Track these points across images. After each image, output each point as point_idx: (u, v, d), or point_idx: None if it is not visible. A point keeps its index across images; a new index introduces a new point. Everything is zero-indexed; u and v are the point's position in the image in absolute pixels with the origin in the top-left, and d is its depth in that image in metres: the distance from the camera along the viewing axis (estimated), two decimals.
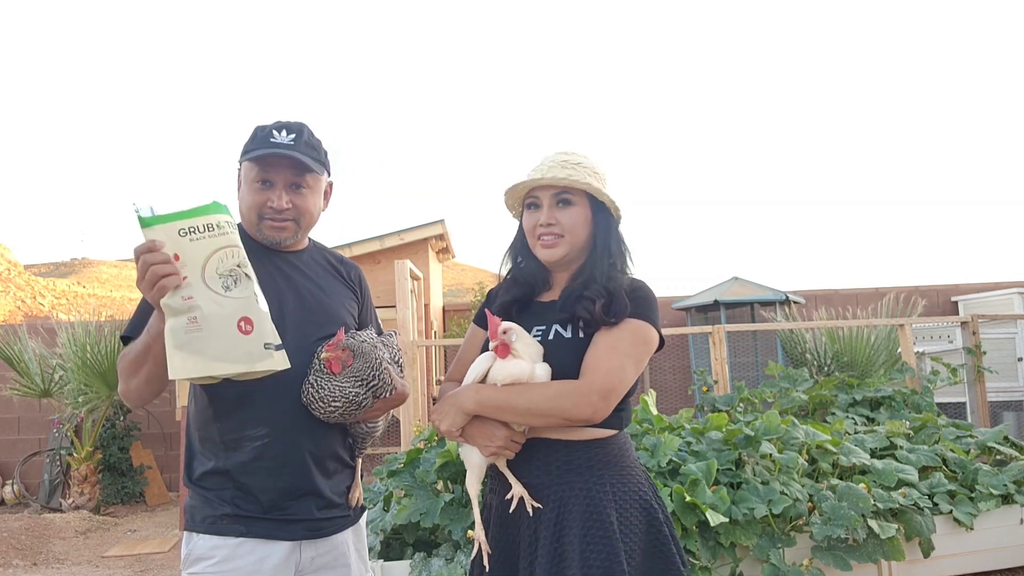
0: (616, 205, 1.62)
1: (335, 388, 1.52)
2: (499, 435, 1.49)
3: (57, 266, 29.01)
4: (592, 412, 1.45)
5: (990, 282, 8.98)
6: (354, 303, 1.77)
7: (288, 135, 1.60)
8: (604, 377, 1.46)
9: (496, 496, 1.59)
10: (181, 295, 1.30)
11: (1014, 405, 6.84)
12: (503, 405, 1.47)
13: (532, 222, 1.62)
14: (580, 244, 1.62)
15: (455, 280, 26.83)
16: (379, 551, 3.22)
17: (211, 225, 1.34)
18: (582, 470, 1.51)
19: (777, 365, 5.36)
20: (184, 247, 1.31)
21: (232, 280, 1.35)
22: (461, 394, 1.51)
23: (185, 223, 1.32)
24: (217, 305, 1.32)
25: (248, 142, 1.63)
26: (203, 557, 1.52)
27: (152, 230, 1.31)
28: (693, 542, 3.01)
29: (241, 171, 1.65)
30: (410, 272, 4.92)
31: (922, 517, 3.35)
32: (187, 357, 1.30)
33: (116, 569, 4.96)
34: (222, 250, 1.34)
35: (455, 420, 1.50)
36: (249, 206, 1.62)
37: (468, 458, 1.57)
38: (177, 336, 1.30)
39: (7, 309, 13.81)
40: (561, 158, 1.60)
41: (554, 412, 1.46)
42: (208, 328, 1.30)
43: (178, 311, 1.30)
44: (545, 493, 1.51)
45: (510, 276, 1.72)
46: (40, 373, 6.81)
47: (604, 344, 1.50)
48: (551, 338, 1.56)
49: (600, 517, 1.47)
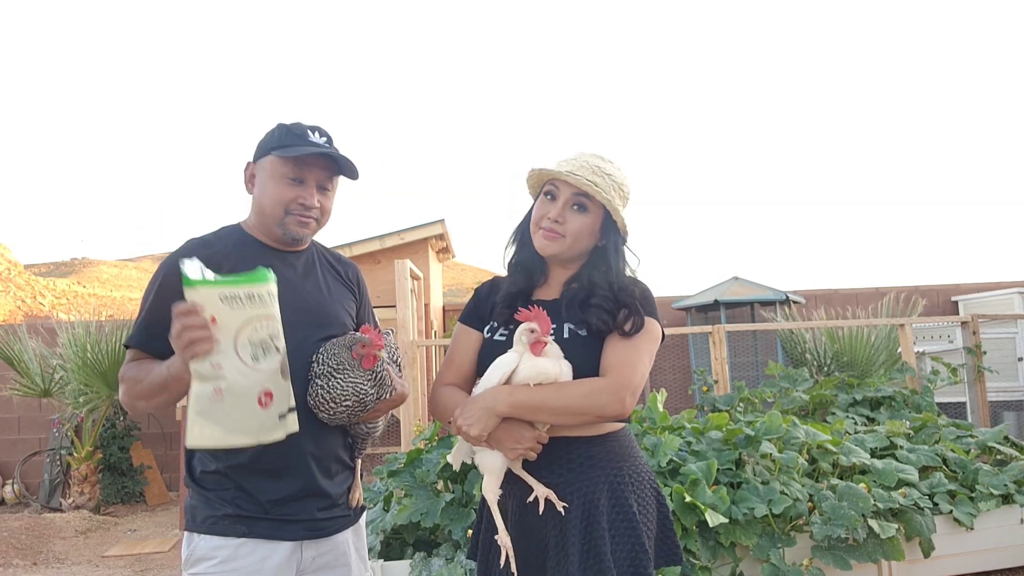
0: (626, 227, 1.63)
1: (348, 386, 1.51)
2: (527, 436, 1.48)
3: (57, 266, 29.00)
4: (623, 408, 1.47)
5: (990, 282, 8.98)
6: (353, 303, 1.77)
7: (321, 137, 1.63)
8: (631, 374, 1.48)
9: (513, 500, 1.57)
10: (211, 361, 1.32)
11: (1014, 405, 6.84)
12: (539, 405, 1.46)
13: (542, 211, 1.62)
14: (578, 250, 1.62)
15: (455, 280, 26.84)
16: (379, 551, 3.22)
17: (253, 295, 1.36)
18: (604, 464, 1.53)
19: (777, 365, 5.36)
20: (222, 312, 1.33)
21: (262, 350, 1.37)
22: (491, 396, 1.47)
23: (228, 290, 1.34)
24: (242, 376, 1.34)
25: (279, 137, 1.62)
26: (204, 557, 1.53)
27: (195, 291, 1.33)
28: (693, 542, 3.01)
29: (263, 166, 1.63)
30: (410, 272, 4.92)
31: (922, 517, 3.35)
32: (205, 426, 1.33)
33: (116, 569, 4.96)
34: (258, 320, 1.37)
35: (487, 424, 1.46)
36: (276, 201, 1.61)
37: (488, 462, 1.52)
38: (200, 403, 1.33)
39: (7, 309, 13.81)
40: (595, 161, 1.60)
41: (589, 410, 1.47)
42: (230, 400, 1.33)
43: (205, 378, 1.33)
44: (570, 490, 1.51)
45: (515, 259, 1.71)
46: (40, 373, 6.81)
47: (625, 342, 1.52)
48: (567, 336, 1.56)
49: (624, 508, 1.50)
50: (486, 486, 1.54)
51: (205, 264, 1.45)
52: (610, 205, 1.57)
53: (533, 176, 1.67)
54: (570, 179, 1.57)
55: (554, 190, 1.61)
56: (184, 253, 1.58)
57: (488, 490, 1.54)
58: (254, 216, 1.67)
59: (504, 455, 1.50)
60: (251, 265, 1.47)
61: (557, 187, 1.61)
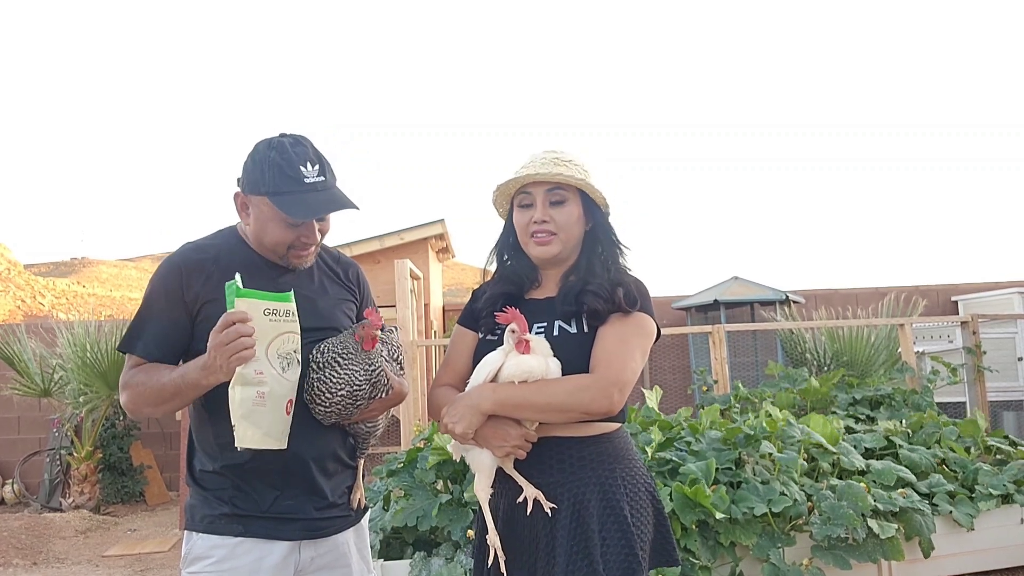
0: (606, 200, 1.63)
1: (345, 375, 1.50)
2: (513, 434, 1.47)
3: (57, 266, 28.98)
4: (610, 405, 1.46)
5: (990, 282, 8.98)
6: (352, 304, 1.74)
7: (313, 168, 1.52)
8: (619, 370, 1.46)
9: (504, 499, 1.57)
10: (253, 368, 1.41)
11: (1014, 405, 6.84)
12: (522, 403, 1.45)
13: (525, 219, 1.62)
14: (573, 242, 1.62)
15: (455, 280, 26.83)
16: (379, 551, 3.22)
17: (288, 311, 1.48)
18: (595, 465, 1.52)
19: (777, 365, 5.36)
20: (262, 324, 1.43)
21: (287, 362, 1.47)
22: (476, 394, 1.48)
23: (270, 304, 1.45)
24: (278, 384, 1.45)
25: (272, 180, 1.50)
26: (202, 556, 1.53)
27: (244, 301, 1.42)
28: (693, 542, 3.01)
29: (256, 204, 1.55)
30: (410, 272, 4.93)
31: (922, 517, 3.35)
32: (248, 428, 1.42)
33: (116, 569, 4.96)
34: (287, 334, 1.47)
35: (471, 422, 1.46)
36: (276, 242, 1.56)
37: (478, 461, 1.52)
38: (245, 406, 1.42)
39: (7, 309, 13.80)
40: (552, 156, 1.60)
41: (574, 407, 1.45)
42: (269, 405, 1.44)
43: (248, 382, 1.41)
44: (560, 491, 1.50)
45: (497, 274, 1.71)
46: (40, 373, 6.81)
47: (614, 337, 1.51)
48: (556, 334, 1.56)
49: (615, 511, 1.48)
50: (477, 485, 1.54)
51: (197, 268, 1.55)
52: (585, 184, 1.58)
53: (500, 192, 1.67)
54: (538, 177, 1.58)
55: (526, 197, 1.62)
56: (179, 256, 1.59)
57: (479, 489, 1.53)
58: (253, 239, 1.61)
59: (492, 453, 1.50)
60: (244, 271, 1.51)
61: (529, 192, 1.61)
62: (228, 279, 1.51)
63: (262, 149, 1.54)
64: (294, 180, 1.50)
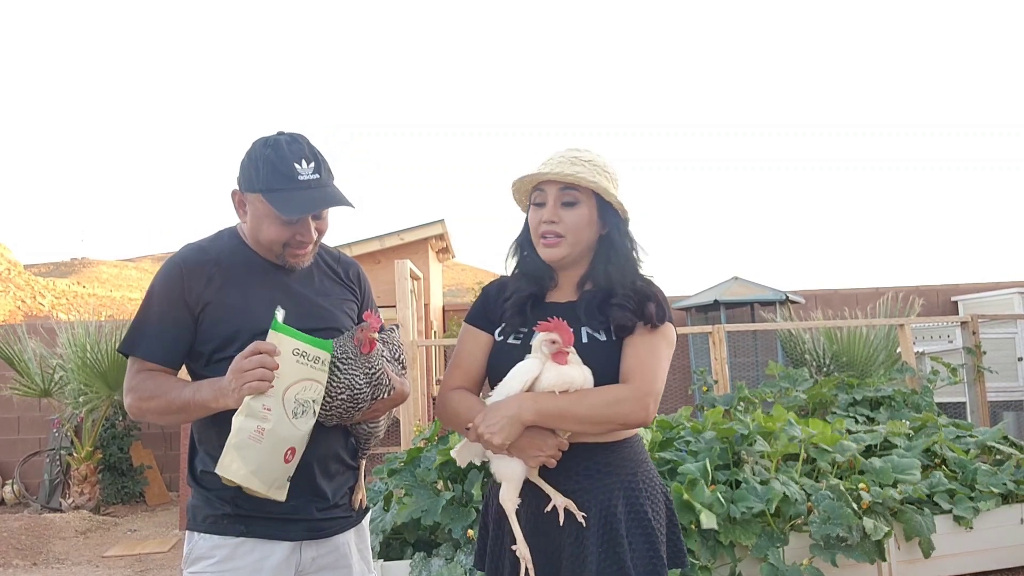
0: (624, 207, 1.59)
1: (346, 379, 1.49)
2: (550, 444, 1.45)
3: (57, 266, 28.98)
4: (646, 415, 1.46)
5: (990, 282, 8.98)
6: (353, 304, 1.73)
7: (308, 165, 1.51)
8: (652, 380, 1.47)
9: (528, 507, 1.53)
10: (263, 403, 1.39)
11: (1014, 405, 6.84)
12: (564, 414, 1.43)
13: (536, 219, 1.59)
14: (582, 246, 1.59)
15: (455, 280, 26.83)
16: (379, 551, 3.22)
17: (317, 358, 1.46)
18: (619, 470, 1.52)
19: (777, 365, 5.36)
20: (287, 363, 1.41)
21: (302, 410, 1.44)
22: (516, 405, 1.43)
23: (302, 346, 1.43)
24: (282, 427, 1.42)
25: (266, 177, 1.50)
26: (203, 556, 1.53)
27: (276, 335, 1.41)
28: (693, 541, 3.01)
29: (252, 202, 1.55)
30: (410, 272, 4.93)
31: (922, 517, 3.35)
32: (235, 459, 1.39)
33: (116, 569, 4.96)
34: (310, 381, 1.45)
35: (511, 433, 1.42)
36: (272, 240, 1.56)
37: (508, 471, 1.49)
38: (239, 436, 1.39)
39: (7, 309, 13.80)
40: (571, 154, 1.58)
41: (613, 418, 1.45)
42: (266, 444, 1.40)
43: (253, 414, 1.39)
44: (588, 498, 1.49)
45: (518, 270, 1.68)
46: (40, 373, 6.81)
47: (645, 347, 1.50)
48: (585, 341, 1.53)
49: (639, 514, 1.49)
50: (504, 495, 1.50)
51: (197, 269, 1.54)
52: (598, 187, 1.54)
53: (516, 188, 1.65)
54: (551, 176, 1.55)
55: (540, 195, 1.59)
56: (181, 257, 1.59)
57: (506, 499, 1.49)
58: (250, 238, 1.62)
59: (525, 463, 1.47)
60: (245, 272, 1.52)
61: (543, 190, 1.59)
62: (229, 280, 1.50)
63: (258, 147, 1.54)
64: (287, 177, 1.50)
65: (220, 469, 1.39)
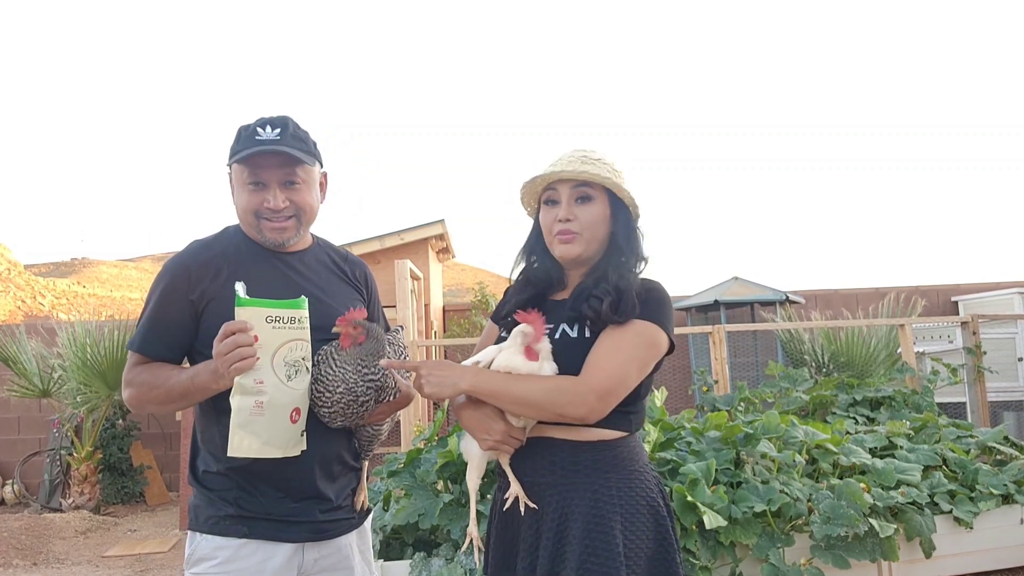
0: (635, 202, 1.59)
1: (337, 374, 1.49)
2: (496, 428, 1.47)
3: (57, 266, 28.95)
4: (587, 411, 1.43)
5: (990, 282, 8.98)
6: (359, 303, 1.73)
7: (273, 130, 1.56)
8: (603, 377, 1.43)
9: (500, 493, 1.58)
10: (253, 378, 1.41)
11: (1014, 405, 6.84)
12: (498, 391, 1.43)
13: (550, 218, 1.59)
14: (597, 243, 1.59)
15: (455, 280, 26.81)
16: (379, 551, 3.22)
17: (293, 318, 1.47)
18: (588, 472, 1.49)
19: (777, 365, 5.36)
20: (265, 331, 1.42)
21: (295, 370, 1.47)
22: (460, 369, 1.47)
23: (273, 311, 1.45)
24: (280, 393, 1.44)
25: (234, 143, 1.59)
26: (206, 557, 1.53)
27: (244, 310, 1.42)
28: (693, 542, 3.01)
29: (232, 174, 1.62)
30: (410, 272, 4.93)
31: (922, 517, 3.35)
32: (245, 437, 1.42)
33: (116, 569, 4.96)
34: (294, 341, 1.47)
35: (441, 392, 1.44)
36: (245, 209, 1.60)
37: (468, 451, 1.58)
38: (241, 415, 1.42)
39: (7, 309, 13.80)
40: (580, 154, 1.58)
41: (548, 406, 1.43)
42: (269, 414, 1.43)
43: (247, 391, 1.41)
44: (548, 493, 1.49)
45: (523, 277, 1.69)
46: (39, 373, 6.81)
47: (607, 344, 1.48)
48: (558, 337, 1.53)
49: (603, 523, 1.44)
50: (468, 473, 1.59)
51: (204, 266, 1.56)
52: (611, 183, 1.55)
53: (526, 190, 1.65)
54: (565, 175, 1.55)
55: (553, 194, 1.59)
56: (187, 254, 1.60)
57: (469, 478, 1.58)
58: (239, 217, 1.66)
59: (479, 445, 1.51)
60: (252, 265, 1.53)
61: (556, 190, 1.59)
62: (236, 273, 1.52)
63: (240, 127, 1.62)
64: (248, 139, 1.56)
65: (232, 451, 1.42)
